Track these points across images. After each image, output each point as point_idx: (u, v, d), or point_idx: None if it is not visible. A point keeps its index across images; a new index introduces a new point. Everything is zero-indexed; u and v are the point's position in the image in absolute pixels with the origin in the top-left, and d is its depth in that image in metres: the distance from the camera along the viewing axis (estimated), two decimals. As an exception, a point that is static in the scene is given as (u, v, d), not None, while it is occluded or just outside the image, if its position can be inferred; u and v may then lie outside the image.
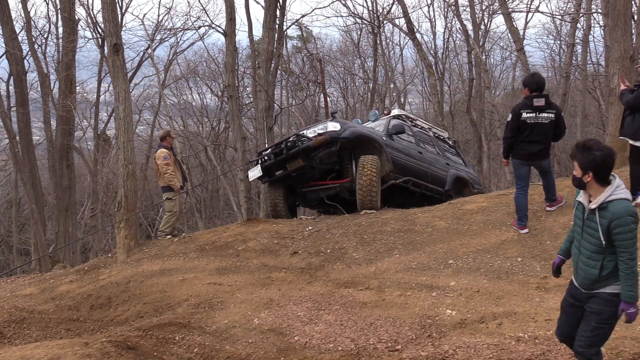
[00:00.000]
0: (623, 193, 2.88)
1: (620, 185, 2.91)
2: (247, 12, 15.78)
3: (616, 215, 2.83)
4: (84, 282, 6.81)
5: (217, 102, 25.86)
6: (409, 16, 16.42)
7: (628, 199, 2.88)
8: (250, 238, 7.11)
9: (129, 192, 7.66)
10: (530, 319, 4.19)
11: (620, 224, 2.81)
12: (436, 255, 5.82)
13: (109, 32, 7.75)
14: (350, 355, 4.12)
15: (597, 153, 2.87)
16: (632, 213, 2.83)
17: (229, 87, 13.65)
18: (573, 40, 17.38)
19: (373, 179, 7.53)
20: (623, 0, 8.05)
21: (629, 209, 2.84)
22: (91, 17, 17.94)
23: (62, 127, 15.57)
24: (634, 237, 2.81)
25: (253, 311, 5.10)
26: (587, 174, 2.91)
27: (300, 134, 7.95)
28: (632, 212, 2.83)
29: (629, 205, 2.85)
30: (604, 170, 2.89)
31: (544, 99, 5.71)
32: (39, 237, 14.33)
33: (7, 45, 14.59)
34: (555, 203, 6.21)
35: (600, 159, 2.87)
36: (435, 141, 10.09)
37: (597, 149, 2.88)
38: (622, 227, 2.81)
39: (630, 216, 2.82)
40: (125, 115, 7.72)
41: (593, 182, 2.92)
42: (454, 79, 26.85)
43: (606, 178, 2.91)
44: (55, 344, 4.02)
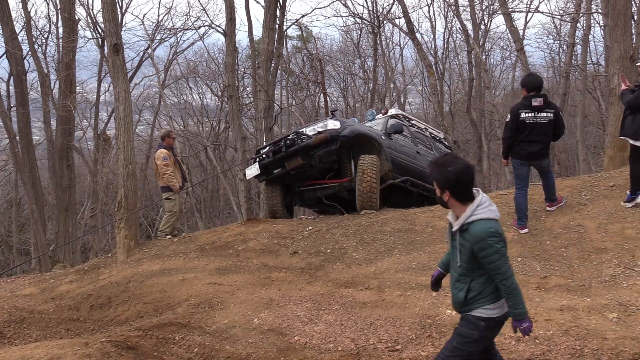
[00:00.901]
0: (484, 212, 2.66)
1: (482, 204, 2.68)
2: (247, 12, 15.80)
3: (477, 239, 2.63)
4: (84, 282, 6.81)
5: (217, 102, 25.89)
6: (409, 16, 16.42)
7: (490, 218, 2.66)
8: (250, 238, 7.11)
9: (129, 192, 7.66)
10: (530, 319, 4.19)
11: (482, 247, 2.62)
12: (436, 255, 5.82)
13: (109, 32, 7.75)
14: (350, 355, 4.12)
15: (450, 169, 2.66)
16: (493, 233, 2.63)
17: (229, 87, 13.65)
18: (573, 40, 17.38)
19: (373, 179, 7.50)
20: (623, 0, 8.04)
21: (489, 230, 2.63)
22: (91, 17, 17.95)
23: (62, 127, 15.57)
24: (501, 257, 2.63)
25: (253, 311, 5.10)
26: (444, 192, 2.72)
27: (299, 132, 7.85)
28: (493, 233, 2.63)
29: (490, 226, 2.64)
30: (461, 187, 2.68)
31: (542, 98, 5.71)
32: (39, 237, 14.33)
33: (7, 45, 14.59)
34: (555, 203, 6.21)
35: (453, 175, 2.65)
36: (431, 141, 10.09)
37: (451, 165, 2.67)
38: (486, 250, 2.62)
39: (493, 237, 2.63)
40: (125, 115, 7.72)
41: (453, 200, 2.72)
42: (454, 79, 26.87)
43: (466, 195, 2.69)
44: (55, 344, 4.02)
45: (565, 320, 4.08)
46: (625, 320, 4.00)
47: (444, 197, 2.72)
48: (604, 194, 6.26)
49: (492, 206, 2.71)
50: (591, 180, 6.86)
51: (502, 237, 2.66)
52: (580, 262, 5.09)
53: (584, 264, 5.04)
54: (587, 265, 5.02)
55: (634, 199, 5.76)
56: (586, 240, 5.41)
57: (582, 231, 5.59)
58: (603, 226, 5.57)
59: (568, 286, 4.70)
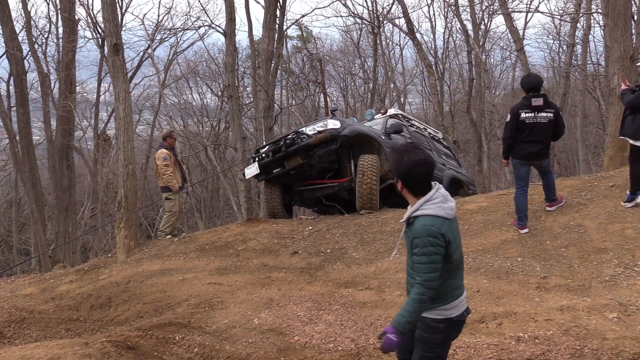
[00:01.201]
0: (431, 209, 2.53)
1: (433, 199, 2.55)
2: (247, 12, 15.82)
3: (416, 234, 2.52)
4: (84, 282, 6.81)
5: (217, 102, 25.89)
6: (409, 16, 16.44)
7: (436, 215, 2.52)
8: (250, 238, 7.11)
9: (129, 192, 7.66)
10: (530, 319, 4.19)
11: (417, 244, 2.50)
12: (436, 255, 5.82)
13: (109, 32, 7.75)
14: (350, 355, 4.12)
15: (405, 159, 2.54)
16: (432, 233, 2.48)
17: (229, 87, 13.65)
18: (573, 40, 17.39)
19: (373, 179, 7.48)
20: (623, 0, 8.04)
21: (430, 229, 2.49)
22: (91, 17, 17.96)
23: (62, 127, 15.58)
24: (427, 262, 2.48)
25: (253, 311, 5.10)
26: (398, 181, 2.62)
27: (299, 132, 7.79)
28: (432, 233, 2.48)
29: (431, 224, 2.50)
30: (413, 179, 2.56)
31: (542, 98, 5.72)
32: (39, 237, 14.34)
33: (7, 45, 14.60)
34: (555, 203, 6.21)
35: (406, 166, 2.55)
36: (430, 141, 10.08)
37: (407, 155, 2.55)
38: (418, 248, 2.50)
39: (430, 236, 2.48)
40: (125, 115, 7.72)
41: (405, 191, 2.61)
42: (454, 79, 26.88)
43: (418, 188, 2.58)
44: (55, 344, 4.02)
45: (565, 320, 4.08)
46: (625, 320, 4.00)
47: (398, 186, 2.64)
48: (604, 194, 6.26)
49: (444, 203, 2.57)
50: (591, 180, 6.86)
51: (441, 238, 2.49)
52: (580, 262, 5.09)
53: (584, 264, 5.04)
54: (587, 265, 5.02)
55: (634, 199, 5.76)
56: (586, 240, 5.41)
57: (582, 231, 5.59)
58: (603, 226, 5.57)
59: (568, 286, 4.70)
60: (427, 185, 2.60)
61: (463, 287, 2.73)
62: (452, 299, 2.64)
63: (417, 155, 2.56)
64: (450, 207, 2.59)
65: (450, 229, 2.56)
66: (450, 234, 2.55)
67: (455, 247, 2.61)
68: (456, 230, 2.66)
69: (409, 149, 2.59)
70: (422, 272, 2.50)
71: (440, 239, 2.49)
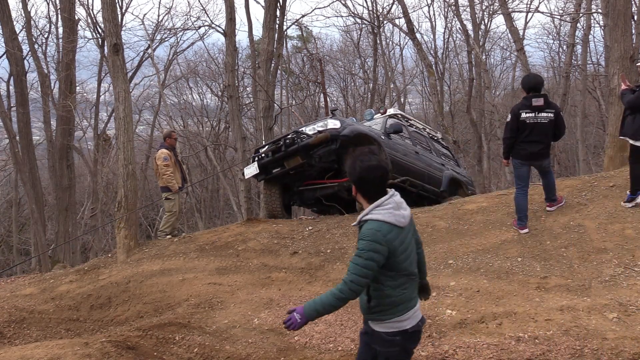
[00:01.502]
0: (381, 214, 2.49)
1: (382, 205, 2.51)
2: (247, 12, 15.85)
3: (361, 236, 2.49)
4: (84, 282, 6.81)
5: (217, 102, 25.90)
6: (409, 16, 16.44)
7: (384, 221, 2.48)
8: (250, 238, 7.11)
9: (129, 192, 7.66)
10: (530, 319, 4.19)
11: (359, 246, 2.47)
12: (436, 255, 5.82)
13: (109, 32, 7.75)
14: (350, 355, 4.12)
15: (358, 164, 2.53)
16: (376, 238, 2.44)
17: (229, 87, 13.65)
18: (573, 40, 17.40)
19: None
20: (623, 0, 8.04)
21: (374, 234, 2.45)
22: (91, 17, 17.96)
23: (62, 127, 15.58)
24: (360, 265, 2.43)
25: (253, 311, 5.10)
26: (352, 185, 2.60)
27: (299, 131, 7.75)
28: (377, 238, 2.44)
29: (378, 229, 2.45)
30: (365, 184, 2.55)
31: (542, 98, 5.71)
32: (39, 237, 14.34)
33: (7, 45, 14.60)
34: (556, 203, 6.21)
35: (359, 170, 2.52)
36: (429, 142, 10.08)
37: (361, 160, 2.53)
38: (358, 249, 2.47)
39: (374, 242, 2.44)
40: (125, 115, 7.72)
41: (359, 195, 2.60)
42: (454, 79, 26.89)
43: (371, 193, 2.55)
44: (55, 344, 4.02)
45: (565, 320, 4.08)
46: (625, 320, 4.00)
47: (352, 189, 2.63)
48: (604, 194, 6.26)
49: (396, 210, 2.53)
50: (591, 180, 6.86)
51: (384, 245, 2.44)
52: (580, 262, 5.09)
53: (584, 264, 5.04)
54: (587, 265, 5.02)
55: (634, 199, 5.76)
56: (586, 240, 5.41)
57: (582, 231, 5.59)
58: (603, 226, 5.57)
59: (568, 286, 4.70)
60: (380, 190, 2.57)
61: (417, 298, 2.69)
62: (404, 310, 2.58)
63: (371, 161, 2.53)
64: (402, 215, 2.55)
65: (399, 238, 2.51)
66: (398, 242, 2.50)
67: (405, 257, 2.54)
68: (409, 241, 2.59)
69: (363, 154, 2.57)
70: (352, 271, 2.46)
71: (384, 247, 2.45)
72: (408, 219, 2.60)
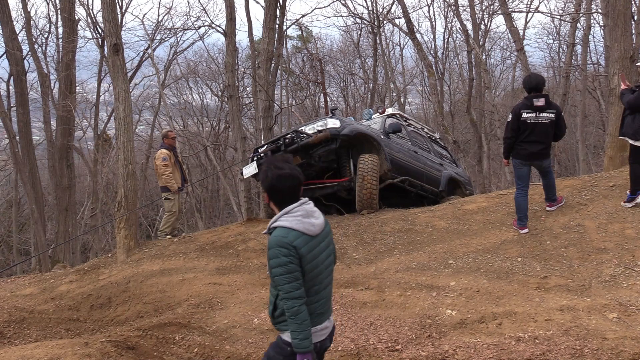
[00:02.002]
0: (288, 221, 2.49)
1: (291, 212, 2.51)
2: (247, 12, 15.84)
3: (269, 245, 2.47)
4: (84, 282, 6.81)
5: (217, 102, 25.91)
6: (409, 16, 16.45)
7: (291, 227, 2.47)
8: (250, 238, 7.11)
9: (129, 192, 7.66)
10: (530, 319, 4.19)
11: (269, 255, 2.46)
12: (436, 255, 5.82)
13: (109, 32, 7.75)
14: (350, 355, 4.12)
15: (270, 173, 2.53)
16: (283, 244, 2.43)
17: (229, 87, 13.66)
18: (573, 40, 17.40)
19: (373, 179, 7.45)
20: (623, 0, 8.04)
21: (281, 240, 2.44)
22: (91, 17, 17.95)
23: (62, 127, 15.58)
24: (284, 273, 2.42)
25: (253, 311, 5.10)
26: (265, 194, 2.60)
27: (298, 131, 7.70)
28: (283, 244, 2.43)
29: (284, 235, 2.45)
30: (277, 192, 2.54)
31: (543, 98, 5.71)
32: (39, 237, 14.34)
33: (7, 45, 14.61)
34: (556, 203, 6.21)
35: (271, 178, 2.52)
36: (428, 141, 10.07)
37: (273, 169, 2.54)
38: (272, 259, 2.45)
39: (282, 247, 2.43)
40: (125, 115, 7.72)
41: (272, 204, 2.59)
42: (454, 79, 26.90)
43: (283, 201, 2.55)
44: (55, 344, 4.02)
45: (565, 320, 4.08)
46: (625, 320, 4.00)
47: (265, 198, 2.63)
48: (604, 194, 6.26)
49: (305, 218, 2.52)
50: (591, 180, 6.86)
51: (292, 250, 2.43)
52: (580, 262, 5.09)
53: (584, 264, 5.04)
54: (587, 265, 5.02)
55: (634, 199, 5.77)
56: (586, 240, 5.41)
57: (582, 231, 5.59)
58: (603, 226, 5.57)
59: (568, 286, 4.70)
60: (292, 198, 2.56)
61: (327, 314, 2.62)
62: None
63: (284, 169, 2.53)
64: (312, 224, 2.53)
65: (307, 245, 2.48)
66: (306, 250, 2.47)
67: (312, 266, 2.50)
68: (318, 251, 2.55)
69: (276, 163, 2.56)
70: (281, 283, 2.43)
71: (292, 251, 2.43)
72: (319, 228, 2.56)
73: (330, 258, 2.67)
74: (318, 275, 2.54)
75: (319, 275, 2.55)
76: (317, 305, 2.54)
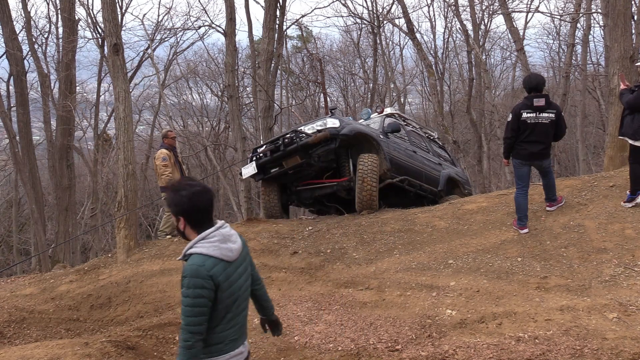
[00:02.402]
0: (205, 247, 2.36)
1: (208, 237, 2.39)
2: (247, 12, 15.84)
3: (184, 272, 2.34)
4: (84, 282, 6.81)
5: (217, 102, 25.91)
6: (409, 16, 16.45)
7: (208, 255, 2.34)
8: (250, 238, 7.11)
9: (129, 192, 7.66)
10: (530, 319, 4.19)
11: (183, 284, 2.32)
12: (436, 255, 5.82)
13: (109, 32, 7.75)
14: (350, 355, 4.12)
15: (184, 194, 2.39)
16: (199, 274, 2.29)
17: (229, 87, 13.66)
18: (573, 40, 17.40)
19: (373, 179, 7.43)
20: (623, 0, 8.04)
21: (197, 270, 2.30)
22: (91, 17, 17.94)
23: (62, 127, 15.58)
24: (191, 305, 2.30)
25: (253, 311, 5.09)
26: (179, 220, 2.44)
27: (298, 130, 7.66)
28: (199, 274, 2.29)
29: (200, 263, 2.31)
30: (195, 212, 2.41)
31: (544, 98, 5.71)
32: (39, 237, 14.35)
33: (7, 45, 14.61)
34: (555, 203, 6.21)
35: (186, 200, 2.39)
36: (426, 141, 10.07)
37: (185, 189, 2.41)
38: (184, 288, 2.32)
39: (196, 278, 2.29)
40: (125, 115, 7.72)
41: (189, 228, 2.44)
42: (454, 79, 26.90)
43: (202, 222, 2.43)
44: (55, 344, 4.02)
45: (565, 320, 4.08)
46: (625, 320, 4.00)
47: (180, 225, 2.45)
48: (604, 194, 6.26)
49: (222, 244, 2.40)
50: (591, 180, 6.86)
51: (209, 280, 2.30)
52: (580, 262, 5.09)
53: (584, 264, 5.04)
54: (587, 265, 5.02)
55: (634, 199, 5.76)
56: (586, 240, 5.41)
57: (582, 231, 5.59)
58: (603, 226, 5.57)
59: (568, 286, 4.70)
60: (210, 218, 2.46)
61: (241, 339, 2.54)
62: (219, 352, 2.41)
63: (196, 187, 2.43)
64: (230, 249, 2.43)
65: (225, 272, 2.38)
66: (223, 277, 2.36)
67: (229, 293, 2.39)
68: (236, 276, 2.45)
69: (185, 184, 2.45)
70: (185, 314, 2.32)
71: (207, 283, 2.30)
72: (237, 253, 2.47)
73: (248, 282, 2.59)
74: (235, 302, 2.45)
75: (236, 302, 2.46)
76: (231, 331, 2.46)
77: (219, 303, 2.37)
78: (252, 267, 2.69)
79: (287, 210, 8.81)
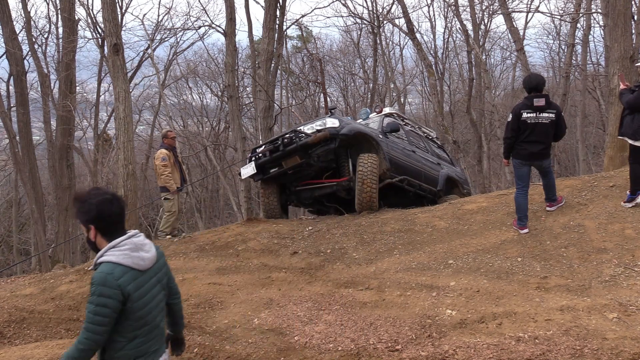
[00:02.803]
0: (115, 255, 2.31)
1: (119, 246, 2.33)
2: (247, 12, 15.87)
3: (92, 280, 2.27)
4: (84, 282, 6.80)
5: (217, 102, 25.93)
6: (409, 16, 16.47)
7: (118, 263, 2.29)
8: (250, 238, 7.11)
9: (129, 192, 7.67)
10: (530, 319, 4.19)
11: (91, 291, 2.26)
12: (436, 255, 5.82)
13: (109, 32, 7.76)
14: (350, 355, 4.12)
15: (92, 202, 2.33)
16: (107, 283, 2.23)
17: (229, 87, 13.68)
18: (573, 40, 17.41)
19: (373, 179, 7.42)
20: (623, 0, 8.05)
21: (105, 278, 2.24)
22: (91, 17, 17.96)
23: (62, 127, 15.59)
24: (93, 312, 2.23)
25: (253, 311, 5.10)
26: (89, 229, 2.36)
27: (297, 130, 7.64)
28: (107, 282, 2.23)
29: (110, 273, 2.25)
30: (106, 220, 2.35)
31: (544, 98, 5.71)
32: (39, 237, 14.35)
33: (7, 45, 14.62)
34: (555, 203, 6.21)
35: (95, 208, 2.32)
36: (425, 141, 10.07)
37: (93, 197, 2.34)
38: (91, 296, 2.25)
39: (104, 287, 2.22)
40: (125, 115, 7.73)
41: (100, 237, 2.36)
42: (454, 79, 26.91)
43: (114, 230, 2.37)
44: (55, 344, 4.02)
45: (565, 320, 4.08)
46: (625, 320, 4.00)
47: (90, 235, 2.37)
48: (604, 194, 6.26)
49: (133, 252, 2.35)
50: (591, 180, 6.86)
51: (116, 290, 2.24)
52: (580, 262, 5.09)
53: (584, 264, 5.04)
54: (587, 265, 5.02)
55: (634, 199, 5.76)
56: (586, 240, 5.41)
57: (582, 231, 5.59)
58: (603, 226, 5.57)
59: (568, 286, 4.70)
60: (121, 227, 2.41)
61: (161, 350, 2.49)
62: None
63: (105, 195, 2.37)
64: (142, 258, 2.37)
65: (136, 282, 2.32)
66: (133, 287, 2.30)
67: (142, 304, 2.34)
68: (148, 287, 2.40)
69: (93, 192, 2.39)
70: (87, 320, 2.25)
71: (115, 293, 2.24)
72: (149, 262, 2.42)
73: (162, 293, 2.52)
74: (149, 313, 2.39)
75: (150, 313, 2.40)
76: (151, 344, 2.41)
77: (132, 313, 2.31)
78: (169, 279, 2.64)
79: (287, 211, 8.79)
